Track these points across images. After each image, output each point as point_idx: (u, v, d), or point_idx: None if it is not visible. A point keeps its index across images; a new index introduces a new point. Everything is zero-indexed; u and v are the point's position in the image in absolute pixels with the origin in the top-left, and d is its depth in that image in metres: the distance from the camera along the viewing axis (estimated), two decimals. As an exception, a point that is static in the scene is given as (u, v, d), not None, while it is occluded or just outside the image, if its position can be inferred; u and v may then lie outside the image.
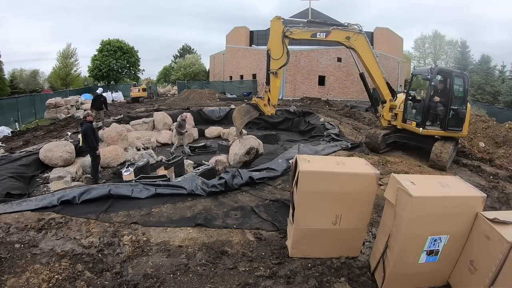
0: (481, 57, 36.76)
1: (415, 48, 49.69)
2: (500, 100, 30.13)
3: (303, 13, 35.65)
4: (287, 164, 6.12)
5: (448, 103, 6.88)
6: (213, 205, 4.44)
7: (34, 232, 3.51)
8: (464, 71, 7.65)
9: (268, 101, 7.54)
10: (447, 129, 6.98)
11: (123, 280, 2.84)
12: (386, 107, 7.98)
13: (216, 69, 43.37)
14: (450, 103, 6.89)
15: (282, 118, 14.51)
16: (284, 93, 26.15)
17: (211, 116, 15.25)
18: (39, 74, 45.72)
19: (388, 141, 8.06)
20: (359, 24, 7.47)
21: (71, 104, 19.09)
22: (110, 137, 9.86)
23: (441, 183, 2.75)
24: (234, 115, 7.73)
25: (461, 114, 6.98)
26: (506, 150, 8.29)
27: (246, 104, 8.19)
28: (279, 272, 3.02)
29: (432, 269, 2.80)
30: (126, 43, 39.77)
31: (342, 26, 7.42)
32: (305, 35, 7.28)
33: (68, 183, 6.76)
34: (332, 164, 3.14)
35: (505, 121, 10.79)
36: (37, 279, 2.79)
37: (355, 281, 2.93)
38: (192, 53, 53.75)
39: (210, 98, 23.25)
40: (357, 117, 14.72)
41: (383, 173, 5.80)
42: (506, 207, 5.01)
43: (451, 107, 6.92)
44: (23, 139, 11.19)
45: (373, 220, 4.04)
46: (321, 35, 7.30)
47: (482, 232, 2.53)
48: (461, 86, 7.12)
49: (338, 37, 7.40)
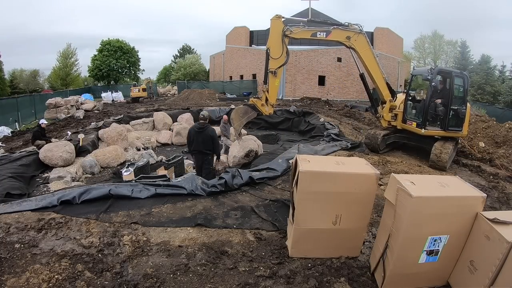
0: (481, 57, 36.75)
1: (415, 48, 49.71)
2: (500, 100, 30.11)
3: (303, 13, 35.66)
4: (287, 164, 6.13)
5: (448, 104, 6.88)
6: (213, 205, 4.44)
7: (34, 232, 3.51)
8: (464, 71, 7.64)
9: (266, 101, 7.54)
10: (447, 129, 6.98)
11: (123, 280, 2.84)
12: (386, 108, 7.96)
13: (216, 69, 43.39)
14: (450, 103, 6.89)
15: (282, 118, 14.52)
16: (284, 93, 26.16)
17: (211, 116, 15.24)
18: (39, 74, 45.73)
19: (388, 141, 8.06)
20: (359, 24, 7.45)
21: (71, 104, 19.09)
22: (110, 137, 9.87)
23: (441, 183, 2.75)
24: (232, 117, 7.74)
25: (461, 114, 6.97)
26: (506, 150, 8.30)
27: (243, 105, 8.18)
28: (279, 272, 3.02)
29: (432, 269, 2.80)
30: (127, 43, 39.80)
31: (342, 26, 7.41)
32: (305, 34, 7.26)
33: (68, 183, 6.76)
34: (332, 164, 3.14)
35: (505, 121, 10.81)
36: (37, 279, 2.79)
37: (355, 281, 2.93)
38: (192, 53, 53.77)
39: (210, 98, 23.28)
40: (357, 117, 14.73)
41: (383, 173, 5.80)
42: (506, 207, 5.01)
43: (451, 107, 6.92)
44: (23, 139, 11.20)
45: (373, 220, 4.05)
46: (321, 35, 7.29)
47: (482, 232, 2.53)
48: (461, 86, 7.12)
49: (339, 37, 7.40)
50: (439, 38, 46.87)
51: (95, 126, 11.89)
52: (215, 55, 43.97)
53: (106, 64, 37.67)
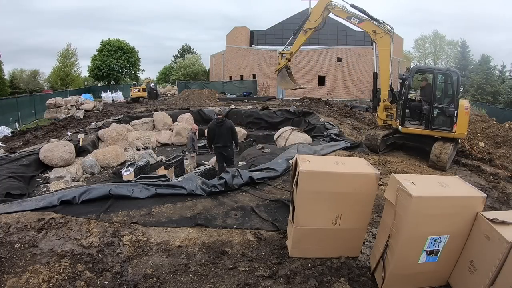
0: (481, 57, 36.78)
1: (415, 48, 49.73)
2: (500, 100, 30.11)
3: (303, 13, 35.66)
4: (287, 164, 6.12)
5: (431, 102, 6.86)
6: (213, 205, 4.44)
7: (34, 232, 3.51)
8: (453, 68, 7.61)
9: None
10: (431, 128, 6.94)
11: (123, 280, 2.84)
12: (380, 106, 8.12)
13: (216, 69, 43.37)
14: (433, 101, 6.85)
15: (282, 118, 14.51)
16: (284, 93, 26.16)
17: (211, 116, 15.22)
18: (39, 74, 45.73)
19: (387, 142, 8.04)
20: (392, 26, 7.88)
21: (71, 104, 19.08)
22: (110, 137, 9.87)
23: (441, 183, 2.75)
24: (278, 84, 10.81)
25: (448, 113, 6.77)
26: (506, 150, 8.29)
27: (277, 73, 10.09)
28: (279, 272, 3.02)
29: (432, 269, 2.81)
30: (127, 43, 39.78)
31: (377, 21, 7.91)
32: (342, 14, 8.23)
33: (68, 183, 6.76)
34: (332, 164, 3.14)
35: (505, 121, 10.80)
36: (37, 279, 2.79)
37: (355, 281, 2.93)
38: (192, 53, 53.77)
39: (210, 98, 23.26)
40: (357, 117, 14.71)
41: (383, 173, 5.80)
42: (506, 207, 5.01)
43: (434, 105, 6.86)
44: (23, 139, 11.20)
45: (373, 220, 4.04)
46: (354, 20, 8.08)
47: (482, 232, 2.53)
48: (448, 84, 6.98)
49: (368, 28, 7.97)
50: (440, 38, 46.87)
51: (95, 126, 11.89)
52: (215, 55, 43.95)
53: (106, 64, 37.64)
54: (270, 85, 28.18)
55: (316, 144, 8.48)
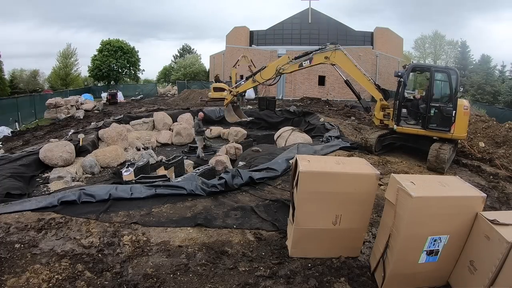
0: (481, 57, 36.74)
1: (415, 48, 49.67)
2: (500, 100, 30.09)
3: (303, 14, 35.66)
4: (287, 164, 6.12)
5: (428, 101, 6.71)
6: (213, 205, 4.44)
7: (34, 232, 3.51)
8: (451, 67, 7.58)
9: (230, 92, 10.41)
10: (428, 127, 6.77)
11: (123, 280, 2.84)
12: (377, 107, 8.06)
13: (216, 69, 43.34)
14: (430, 100, 6.66)
15: (282, 118, 14.52)
16: (284, 93, 26.16)
17: (211, 116, 15.23)
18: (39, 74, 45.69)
19: (384, 142, 7.93)
20: (335, 43, 8.53)
21: (71, 104, 19.09)
22: (110, 137, 9.86)
23: (441, 183, 2.75)
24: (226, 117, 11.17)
25: (446, 113, 6.56)
26: (506, 150, 8.30)
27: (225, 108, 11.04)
28: (279, 272, 3.02)
29: (432, 269, 2.80)
30: (127, 43, 39.75)
31: (320, 49, 8.53)
32: (293, 68, 8.88)
33: (68, 183, 6.76)
34: (332, 164, 3.14)
35: (505, 121, 10.80)
36: (37, 279, 2.79)
37: (355, 281, 2.93)
38: (192, 53, 53.74)
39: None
40: (357, 117, 14.72)
41: (383, 173, 5.80)
42: (506, 207, 5.01)
43: (432, 104, 6.67)
44: (23, 139, 11.21)
45: (373, 220, 4.04)
46: (306, 63, 8.66)
47: (482, 232, 2.53)
48: (446, 83, 6.75)
49: (319, 60, 8.53)
50: (440, 38, 46.83)
51: (95, 126, 11.88)
52: (215, 55, 43.91)
53: (106, 64, 37.61)
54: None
55: (316, 144, 8.48)
